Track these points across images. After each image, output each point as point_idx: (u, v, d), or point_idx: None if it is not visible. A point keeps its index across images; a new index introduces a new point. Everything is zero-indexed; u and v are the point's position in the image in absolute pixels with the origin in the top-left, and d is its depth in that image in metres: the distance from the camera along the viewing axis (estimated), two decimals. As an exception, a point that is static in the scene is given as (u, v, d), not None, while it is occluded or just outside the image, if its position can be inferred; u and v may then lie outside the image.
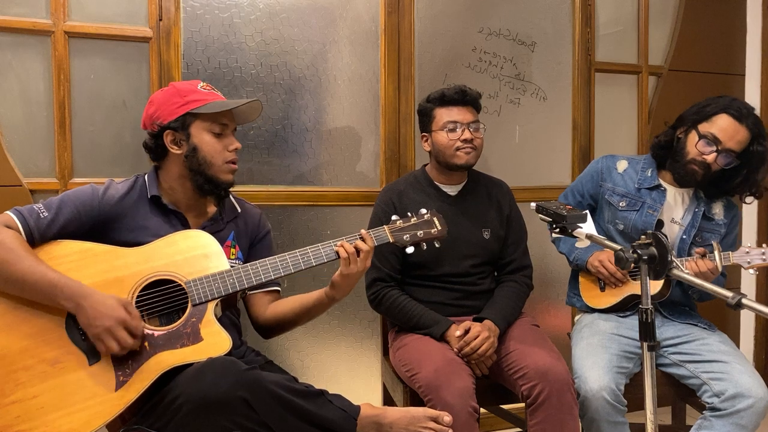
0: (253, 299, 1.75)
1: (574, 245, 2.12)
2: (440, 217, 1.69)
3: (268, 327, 1.75)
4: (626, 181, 2.10)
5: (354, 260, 1.56)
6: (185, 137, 1.59)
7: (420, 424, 1.51)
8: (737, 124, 1.90)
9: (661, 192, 2.05)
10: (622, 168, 2.13)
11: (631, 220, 2.04)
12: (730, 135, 1.90)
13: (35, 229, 1.47)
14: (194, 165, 1.59)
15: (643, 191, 2.06)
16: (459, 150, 1.96)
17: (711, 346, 1.89)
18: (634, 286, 1.99)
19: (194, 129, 1.59)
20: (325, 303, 1.66)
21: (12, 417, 1.35)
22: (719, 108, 1.93)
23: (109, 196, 1.57)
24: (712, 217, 2.04)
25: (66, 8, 2.12)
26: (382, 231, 1.64)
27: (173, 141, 1.60)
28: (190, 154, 1.59)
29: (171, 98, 1.60)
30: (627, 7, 2.88)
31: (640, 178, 2.08)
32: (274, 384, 1.39)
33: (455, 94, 1.96)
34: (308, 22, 2.39)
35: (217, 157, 1.60)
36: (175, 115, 1.58)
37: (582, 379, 1.78)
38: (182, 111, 1.58)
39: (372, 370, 2.54)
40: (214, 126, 1.60)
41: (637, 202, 2.05)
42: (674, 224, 2.04)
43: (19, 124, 2.12)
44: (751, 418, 1.72)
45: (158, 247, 1.53)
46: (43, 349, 1.41)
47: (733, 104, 1.93)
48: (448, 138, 1.96)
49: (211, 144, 1.60)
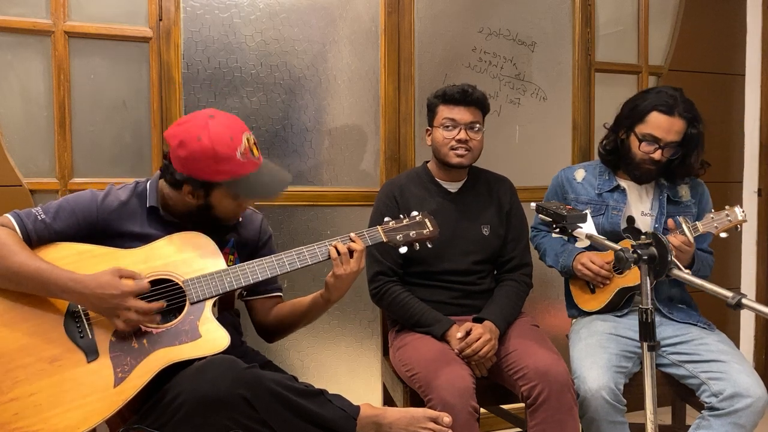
0: (255, 304, 1.76)
1: (558, 253, 2.13)
2: (432, 218, 1.71)
3: (270, 331, 1.76)
4: (587, 189, 2.14)
5: (346, 261, 1.57)
6: (204, 194, 1.52)
7: (420, 424, 1.51)
8: (669, 118, 1.95)
9: (622, 192, 2.09)
10: (580, 177, 2.17)
11: (599, 225, 2.06)
12: (666, 130, 1.95)
13: (32, 232, 1.47)
14: (203, 214, 1.56)
15: (605, 194, 2.10)
16: (452, 150, 1.96)
17: (709, 346, 1.89)
18: (623, 280, 2.00)
19: (216, 193, 1.53)
20: (320, 305, 1.66)
21: (10, 414, 1.35)
22: (649, 106, 1.97)
23: (108, 203, 1.56)
24: (679, 200, 2.08)
25: (66, 8, 2.12)
26: (376, 231, 1.66)
27: (190, 192, 1.53)
28: (203, 208, 1.55)
29: (205, 159, 1.46)
30: (627, 7, 2.88)
31: (599, 182, 2.13)
32: (274, 382, 1.39)
33: (457, 93, 1.96)
34: (308, 22, 2.39)
35: (230, 214, 1.59)
36: (202, 177, 1.49)
37: (581, 379, 1.78)
38: (211, 178, 1.49)
39: (372, 370, 2.54)
40: (238, 197, 1.55)
41: (601, 207, 2.09)
42: (645, 216, 2.08)
43: (19, 124, 2.12)
44: (750, 417, 1.72)
45: (156, 248, 1.53)
46: (42, 347, 1.41)
47: (661, 98, 1.96)
48: (443, 136, 1.97)
49: (227, 206, 1.56)
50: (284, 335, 1.77)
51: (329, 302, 1.64)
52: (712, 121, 2.88)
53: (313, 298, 1.67)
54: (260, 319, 1.76)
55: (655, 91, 2.01)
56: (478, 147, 2.00)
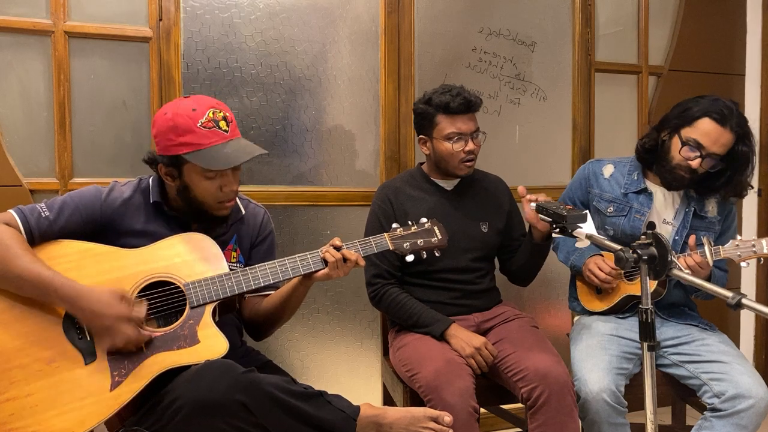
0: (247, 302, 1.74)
1: (570, 251, 2.12)
2: (441, 226, 1.68)
3: (255, 326, 1.74)
4: (613, 186, 2.07)
5: (341, 266, 1.57)
6: (177, 173, 1.53)
7: (420, 424, 1.51)
8: (720, 128, 1.85)
9: (648, 195, 2.03)
10: (608, 173, 2.10)
11: (619, 226, 2.02)
12: (713, 140, 1.86)
13: (36, 228, 1.47)
14: (186, 200, 1.55)
15: (630, 196, 2.04)
16: (463, 162, 1.94)
17: (711, 347, 1.88)
18: (630, 287, 1.99)
19: (186, 170, 1.52)
20: (300, 291, 1.63)
21: (6, 415, 1.35)
22: (701, 111, 1.87)
23: (111, 199, 1.56)
24: (705, 215, 2.01)
25: (66, 8, 2.12)
26: (382, 238, 1.64)
27: (166, 174, 1.54)
28: (182, 190, 1.54)
29: (167, 133, 1.49)
30: (627, 7, 2.88)
31: (627, 182, 2.06)
32: (272, 386, 1.38)
33: (461, 105, 1.91)
34: (308, 22, 2.39)
35: (210, 198, 1.54)
36: (167, 152, 1.50)
37: (582, 381, 1.78)
38: (174, 152, 1.49)
39: (372, 370, 2.54)
40: (207, 172, 1.51)
41: (624, 207, 2.03)
42: (666, 225, 2.02)
43: (19, 124, 2.12)
44: (752, 418, 1.72)
45: (158, 249, 1.53)
46: (40, 348, 1.41)
47: (716, 106, 1.87)
48: (453, 149, 1.93)
49: (203, 186, 1.53)
50: (270, 328, 1.73)
51: (307, 287, 1.63)
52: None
53: (292, 285, 1.64)
54: (249, 316, 1.73)
55: (712, 98, 1.90)
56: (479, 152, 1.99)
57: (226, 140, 1.51)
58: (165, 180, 1.56)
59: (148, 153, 1.58)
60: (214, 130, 1.50)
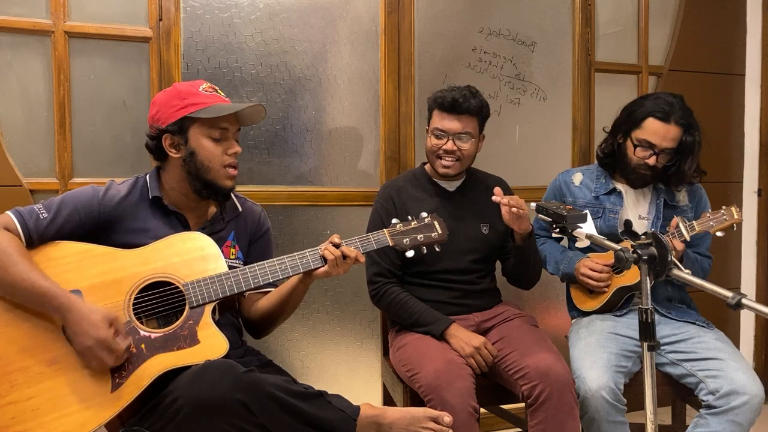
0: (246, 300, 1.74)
1: (558, 260, 2.14)
2: (441, 220, 1.68)
3: (254, 324, 1.74)
4: (584, 192, 2.16)
5: (341, 263, 1.57)
6: (183, 141, 1.57)
7: (420, 424, 1.51)
8: (665, 124, 1.96)
9: (618, 195, 2.11)
10: (578, 180, 2.19)
11: (596, 228, 2.05)
12: (661, 136, 1.97)
13: (34, 230, 1.47)
14: (192, 169, 1.58)
15: (602, 197, 2.12)
16: (439, 158, 1.97)
17: (707, 344, 1.89)
18: (621, 280, 2.01)
19: (192, 133, 1.57)
20: (300, 289, 1.64)
21: (7, 418, 1.35)
22: (645, 113, 1.99)
23: (109, 197, 1.56)
24: (677, 204, 2.09)
25: (66, 8, 2.12)
26: (382, 234, 1.64)
27: (171, 144, 1.58)
28: (188, 158, 1.57)
29: (171, 100, 1.57)
30: (627, 7, 2.88)
31: (596, 186, 2.15)
32: (272, 386, 1.38)
33: (448, 102, 1.92)
34: (308, 22, 2.39)
35: (215, 161, 1.58)
36: (174, 118, 1.55)
37: (581, 378, 1.78)
38: (180, 114, 1.55)
39: (372, 370, 2.54)
40: (213, 131, 1.57)
41: (598, 210, 2.10)
42: (642, 220, 2.09)
43: (19, 124, 2.12)
44: (746, 414, 1.72)
45: (157, 249, 1.52)
46: (40, 351, 1.40)
47: (657, 105, 1.98)
48: (431, 143, 1.98)
49: (209, 149, 1.57)
50: (269, 326, 1.73)
51: (307, 285, 1.64)
52: (712, 121, 2.90)
53: (291, 283, 1.64)
54: (249, 314, 1.73)
55: (653, 97, 2.02)
56: (469, 155, 1.98)
57: (227, 101, 1.62)
58: (169, 152, 1.58)
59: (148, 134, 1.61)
60: (214, 94, 1.61)
